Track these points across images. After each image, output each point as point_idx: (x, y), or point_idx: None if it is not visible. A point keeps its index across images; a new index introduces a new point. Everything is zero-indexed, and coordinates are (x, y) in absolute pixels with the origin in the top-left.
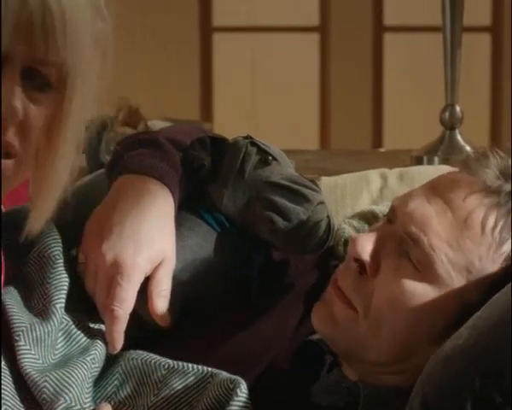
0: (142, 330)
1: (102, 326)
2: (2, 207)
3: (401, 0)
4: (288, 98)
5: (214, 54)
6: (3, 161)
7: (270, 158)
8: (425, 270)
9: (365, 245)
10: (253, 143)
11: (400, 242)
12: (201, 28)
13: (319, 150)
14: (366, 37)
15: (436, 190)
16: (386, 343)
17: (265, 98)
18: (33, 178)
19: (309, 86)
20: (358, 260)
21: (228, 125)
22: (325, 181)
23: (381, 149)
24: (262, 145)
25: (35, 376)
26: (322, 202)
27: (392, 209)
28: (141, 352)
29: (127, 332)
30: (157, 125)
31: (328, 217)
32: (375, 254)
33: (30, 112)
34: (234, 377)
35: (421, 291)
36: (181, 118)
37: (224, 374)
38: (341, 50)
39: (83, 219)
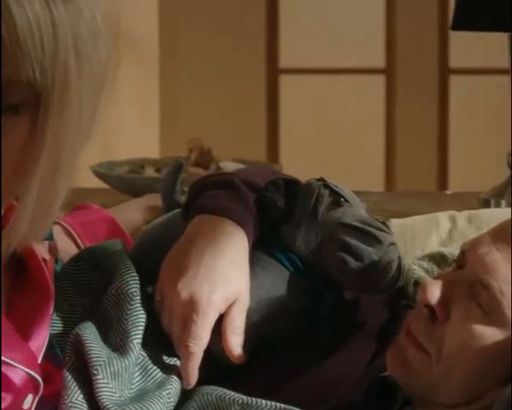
0: (216, 366)
1: (178, 362)
2: (81, 244)
3: (467, 42)
4: (354, 139)
5: (281, 95)
6: None
7: (343, 200)
8: (494, 314)
9: (434, 292)
10: (326, 185)
11: (470, 287)
12: (268, 70)
13: (386, 192)
14: (432, 78)
15: (503, 235)
16: (457, 386)
17: (331, 139)
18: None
19: (374, 127)
20: (429, 307)
21: (293, 166)
22: (395, 223)
23: (448, 192)
24: (334, 187)
25: (113, 409)
26: (393, 243)
27: (462, 254)
28: (215, 387)
29: (201, 368)
30: (228, 166)
31: (399, 258)
32: (445, 299)
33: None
34: None
35: (490, 335)
36: (249, 159)
37: None
38: (407, 92)
39: (158, 257)
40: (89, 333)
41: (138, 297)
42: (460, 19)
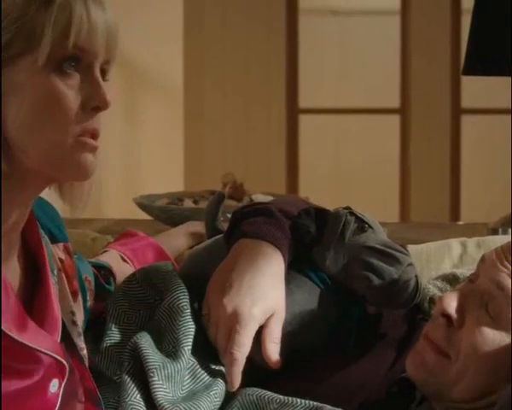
0: (256, 371)
1: (222, 368)
2: (131, 266)
3: (478, 84)
4: (370, 175)
5: (300, 133)
6: (95, 142)
7: (367, 226)
8: (502, 320)
9: (451, 302)
10: (352, 213)
11: (480, 297)
12: (288, 110)
13: (400, 223)
14: (444, 118)
15: (505, 254)
16: (470, 383)
17: (348, 175)
18: None
19: (390, 164)
20: (446, 315)
21: (312, 200)
22: (411, 248)
23: (460, 222)
24: (359, 215)
25: (167, 406)
26: (411, 264)
27: (476, 271)
28: (256, 389)
29: (243, 373)
30: (259, 198)
31: (416, 277)
32: (460, 308)
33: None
34: (337, 409)
35: (499, 338)
36: (275, 192)
37: (329, 407)
38: (421, 130)
39: (203, 278)
40: (145, 341)
41: (188, 310)
42: (470, 65)
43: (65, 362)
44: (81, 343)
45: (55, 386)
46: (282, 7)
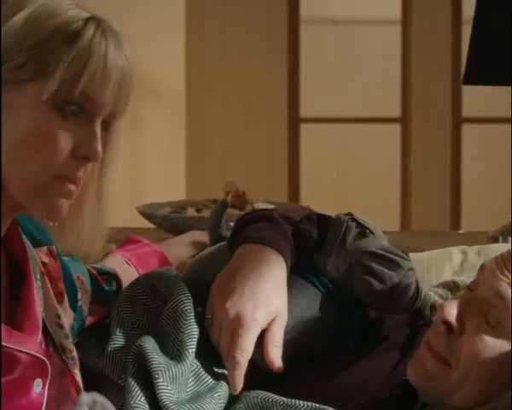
0: (258, 374)
1: (225, 371)
2: (135, 271)
3: (478, 93)
4: (371, 184)
5: (301, 142)
6: (73, 187)
7: (368, 231)
8: (501, 328)
9: (451, 310)
10: (353, 219)
11: (480, 305)
12: (289, 119)
13: (401, 231)
14: (445, 127)
15: (504, 263)
16: (471, 390)
17: (349, 184)
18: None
19: (390, 173)
20: (446, 323)
21: (313, 209)
22: (413, 256)
23: (460, 231)
24: (360, 220)
25: (172, 407)
26: (411, 269)
27: (476, 279)
28: (260, 391)
29: (246, 376)
30: (261, 206)
31: (416, 281)
32: (460, 316)
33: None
34: None
35: (499, 346)
36: (277, 201)
37: (330, 409)
38: (421, 139)
39: (206, 283)
40: (149, 344)
41: (192, 314)
42: (471, 74)
43: (46, 360)
44: (69, 345)
45: (38, 386)
46: (283, 16)
